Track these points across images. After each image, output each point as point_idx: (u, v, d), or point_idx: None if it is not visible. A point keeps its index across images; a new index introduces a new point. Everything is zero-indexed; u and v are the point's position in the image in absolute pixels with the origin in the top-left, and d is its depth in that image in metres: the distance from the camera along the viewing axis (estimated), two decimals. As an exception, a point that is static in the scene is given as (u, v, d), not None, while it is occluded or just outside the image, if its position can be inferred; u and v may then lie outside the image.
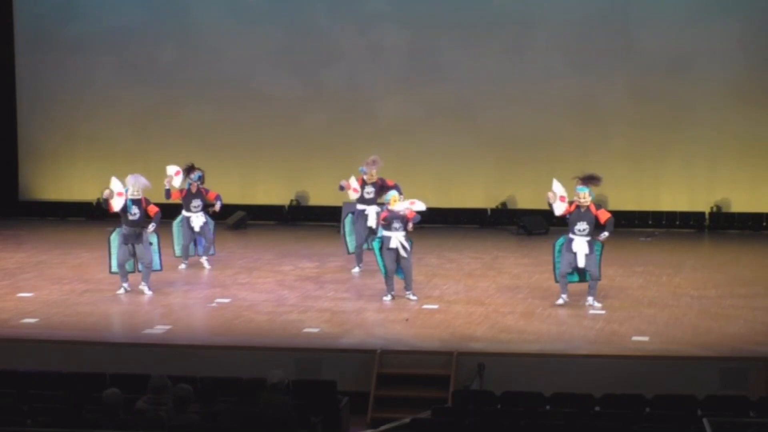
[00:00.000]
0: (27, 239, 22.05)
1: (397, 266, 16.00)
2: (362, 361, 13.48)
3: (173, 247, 18.49)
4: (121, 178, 16.97)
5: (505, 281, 17.58)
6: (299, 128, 23.97)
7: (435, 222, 23.57)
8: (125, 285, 16.51)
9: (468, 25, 23.41)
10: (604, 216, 15.49)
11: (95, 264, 18.71)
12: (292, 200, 24.19)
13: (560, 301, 15.67)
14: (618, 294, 16.60)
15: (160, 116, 24.33)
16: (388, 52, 23.70)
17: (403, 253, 15.82)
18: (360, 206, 18.12)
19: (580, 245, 15.42)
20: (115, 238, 16.61)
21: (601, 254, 15.68)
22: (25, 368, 12.58)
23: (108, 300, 16.28)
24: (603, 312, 15.42)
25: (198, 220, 18.29)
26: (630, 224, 23.13)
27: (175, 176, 18.30)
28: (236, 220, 23.14)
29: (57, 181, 24.65)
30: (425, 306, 15.81)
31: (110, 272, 16.78)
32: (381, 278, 16.32)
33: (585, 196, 15.50)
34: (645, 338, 14.13)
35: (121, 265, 16.50)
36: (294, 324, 14.87)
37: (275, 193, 24.16)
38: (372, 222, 17.78)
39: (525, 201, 23.55)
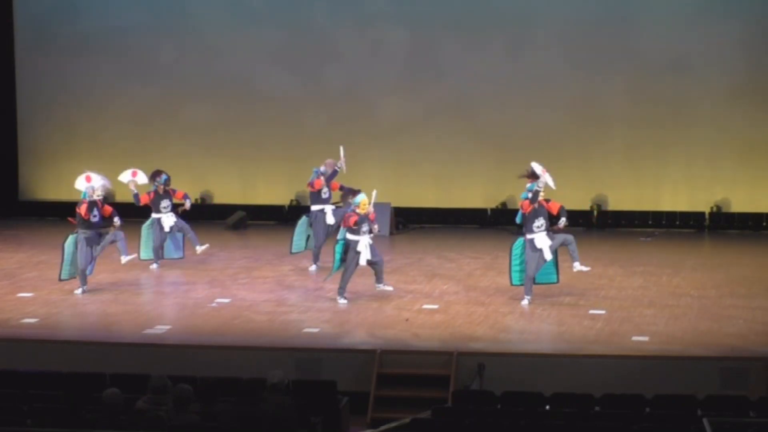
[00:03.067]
0: (27, 239, 22.04)
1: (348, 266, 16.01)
2: (362, 361, 13.49)
3: (138, 251, 18.31)
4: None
5: (505, 281, 17.53)
6: (299, 128, 23.96)
7: (435, 222, 23.64)
8: (84, 287, 16.50)
9: (468, 25, 23.40)
10: (555, 206, 15.64)
11: (96, 264, 18.68)
12: (292, 200, 24.18)
13: (525, 302, 15.70)
14: (618, 294, 16.61)
15: (160, 116, 24.32)
16: (388, 52, 23.68)
17: (367, 256, 15.79)
18: (317, 206, 18.23)
19: (542, 240, 15.50)
20: (71, 244, 16.49)
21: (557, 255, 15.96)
22: (25, 368, 12.58)
23: (108, 300, 16.28)
24: (603, 312, 15.42)
25: (169, 220, 18.27)
26: (630, 224, 23.14)
27: (133, 177, 18.28)
28: (236, 220, 23.13)
29: (57, 181, 24.62)
30: (425, 306, 15.81)
31: (60, 279, 16.67)
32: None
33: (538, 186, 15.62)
34: (645, 338, 14.14)
35: (82, 270, 16.47)
36: (294, 324, 14.88)
37: (275, 193, 24.15)
38: (331, 219, 17.87)
39: (525, 201, 23.52)
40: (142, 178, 18.40)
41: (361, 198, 15.99)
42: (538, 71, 23.22)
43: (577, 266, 15.83)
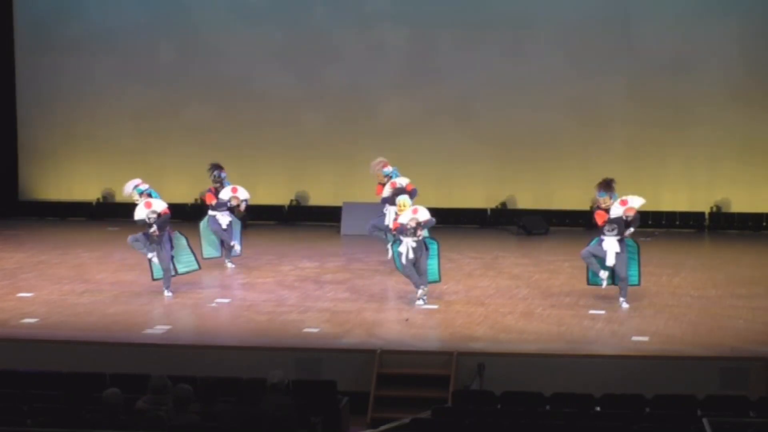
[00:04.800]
0: (27, 239, 22.04)
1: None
2: (362, 361, 13.48)
3: (200, 250, 18.18)
4: (120, 178, 17.03)
5: (505, 281, 17.58)
6: (299, 128, 23.97)
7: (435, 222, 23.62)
8: (167, 289, 16.32)
9: (468, 25, 23.41)
10: (630, 211, 15.47)
11: (95, 264, 18.71)
12: (292, 200, 24.18)
13: (603, 283, 15.60)
14: (618, 294, 16.58)
15: (160, 116, 24.32)
16: (388, 52, 23.69)
17: (411, 255, 15.71)
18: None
19: (611, 244, 15.46)
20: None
21: (638, 256, 15.75)
22: (25, 368, 12.58)
23: (108, 300, 16.27)
24: (603, 312, 15.42)
25: (225, 218, 18.26)
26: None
27: (233, 193, 18.26)
28: (236, 220, 23.12)
29: (57, 181, 24.65)
30: (425, 306, 15.80)
31: (153, 279, 16.51)
32: (379, 279, 16.38)
33: (605, 200, 15.54)
34: (645, 338, 14.14)
35: (165, 271, 16.30)
36: (294, 324, 14.87)
37: (275, 193, 24.15)
38: (389, 221, 17.85)
39: (525, 201, 23.55)
40: (243, 194, 18.32)
41: (400, 200, 16.00)
42: (538, 71, 23.23)
43: (621, 301, 15.73)
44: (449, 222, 23.56)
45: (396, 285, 16.49)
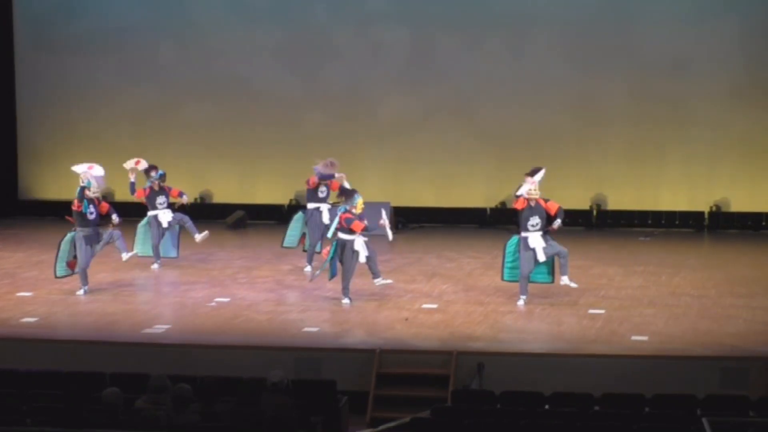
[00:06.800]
0: (27, 239, 22.03)
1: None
2: (362, 360, 13.49)
3: (134, 247, 18.21)
4: (120, 178, 17.03)
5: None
6: (299, 128, 23.95)
7: (435, 221, 23.64)
8: (85, 288, 16.50)
9: (468, 24, 23.40)
10: (553, 207, 15.64)
11: (95, 264, 18.64)
12: (291, 200, 24.17)
13: (521, 302, 15.69)
14: (618, 294, 16.61)
15: (159, 115, 24.32)
16: (387, 52, 23.68)
17: (362, 259, 15.77)
18: (312, 205, 18.07)
19: (536, 240, 15.50)
20: (67, 242, 16.52)
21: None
22: (25, 368, 12.58)
23: (108, 300, 16.28)
24: (603, 311, 15.43)
25: (166, 216, 18.27)
26: (630, 224, 23.13)
27: (135, 165, 18.43)
28: (236, 219, 23.14)
29: (57, 181, 24.62)
30: (425, 305, 15.81)
31: (56, 276, 16.62)
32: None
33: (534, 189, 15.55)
34: (645, 338, 14.15)
35: (83, 270, 16.48)
36: (294, 323, 14.89)
37: (275, 193, 24.14)
38: (326, 218, 17.72)
39: (525, 200, 23.51)
40: (143, 166, 18.52)
41: (358, 199, 15.99)
42: (538, 71, 23.22)
43: (565, 280, 15.73)
44: (449, 222, 23.61)
45: (396, 284, 16.49)
